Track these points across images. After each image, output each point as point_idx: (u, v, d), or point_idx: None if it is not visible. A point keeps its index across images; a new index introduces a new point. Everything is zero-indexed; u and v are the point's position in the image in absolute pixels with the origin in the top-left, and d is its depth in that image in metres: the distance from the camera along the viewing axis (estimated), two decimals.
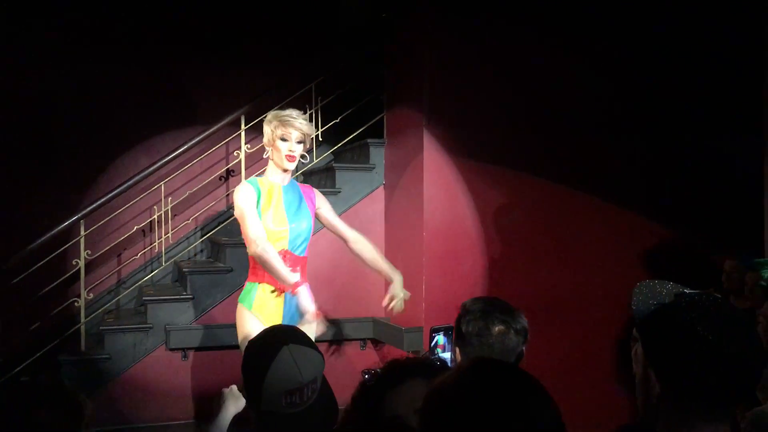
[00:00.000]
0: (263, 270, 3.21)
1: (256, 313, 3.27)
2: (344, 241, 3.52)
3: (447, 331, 2.39)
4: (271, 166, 3.40)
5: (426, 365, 1.57)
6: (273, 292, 3.28)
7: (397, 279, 3.40)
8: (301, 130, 3.33)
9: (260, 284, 3.29)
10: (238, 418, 1.96)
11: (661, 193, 4.86)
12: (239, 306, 3.34)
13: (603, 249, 4.71)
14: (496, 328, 1.97)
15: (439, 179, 4.52)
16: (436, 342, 2.39)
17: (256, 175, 3.49)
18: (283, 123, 3.31)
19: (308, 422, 1.69)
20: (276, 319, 3.27)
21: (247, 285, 3.36)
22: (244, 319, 3.29)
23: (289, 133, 3.31)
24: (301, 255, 3.37)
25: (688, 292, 1.41)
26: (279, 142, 3.31)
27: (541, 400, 1.05)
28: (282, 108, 3.62)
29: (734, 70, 4.74)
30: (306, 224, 3.37)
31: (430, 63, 4.56)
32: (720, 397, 1.28)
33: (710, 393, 1.27)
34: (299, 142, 3.35)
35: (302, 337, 1.80)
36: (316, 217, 3.48)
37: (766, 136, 4.08)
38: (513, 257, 4.64)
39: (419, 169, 4.53)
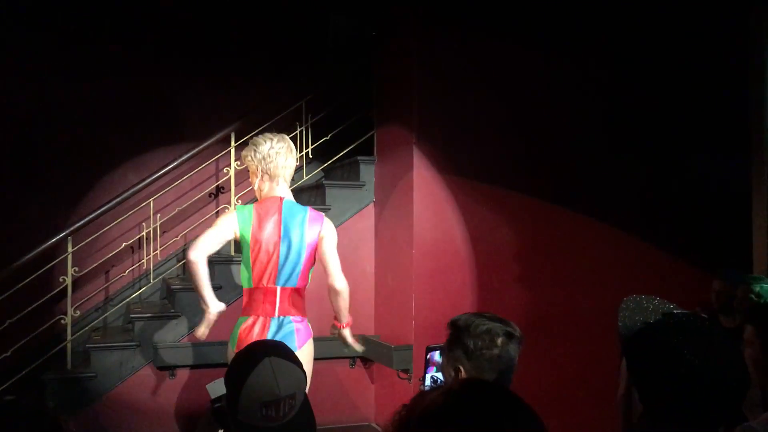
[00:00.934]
0: (253, 305, 3.28)
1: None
2: (328, 278, 3.48)
3: (443, 350, 2.36)
4: (259, 193, 3.49)
5: None
6: (255, 324, 3.28)
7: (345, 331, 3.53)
8: (277, 166, 3.40)
9: (247, 318, 3.32)
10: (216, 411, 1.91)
11: (650, 210, 4.89)
12: (229, 349, 3.35)
13: (593, 266, 4.72)
14: (500, 339, 1.99)
15: (428, 196, 4.53)
16: (431, 360, 2.37)
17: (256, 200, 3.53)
18: (264, 159, 3.40)
19: None
20: None
21: (238, 320, 3.38)
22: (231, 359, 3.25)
23: (267, 169, 3.43)
24: (293, 286, 3.34)
25: (676, 312, 1.41)
26: (259, 175, 3.43)
27: (530, 421, 1.04)
28: (265, 130, 3.72)
29: (721, 88, 4.78)
30: (302, 259, 3.33)
31: (419, 80, 4.58)
32: (701, 421, 1.27)
33: (692, 416, 1.27)
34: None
35: (288, 354, 1.79)
36: (317, 247, 3.41)
37: (753, 152, 4.11)
38: (503, 275, 4.64)
39: (409, 187, 4.54)
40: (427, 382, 2.35)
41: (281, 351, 1.79)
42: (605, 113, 4.83)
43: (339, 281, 3.44)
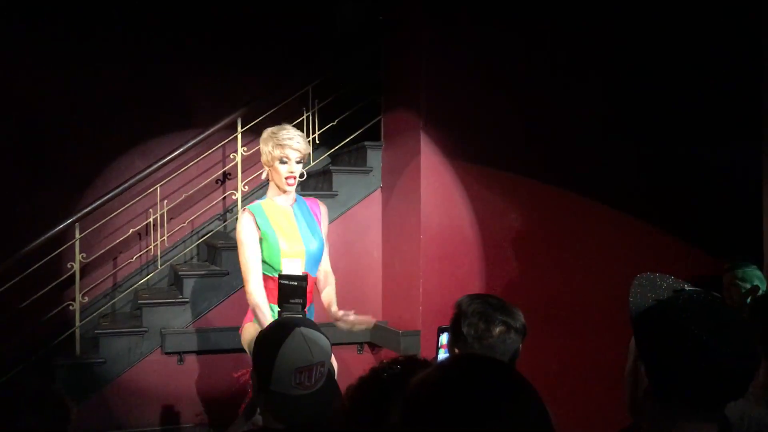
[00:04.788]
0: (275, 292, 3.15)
1: None
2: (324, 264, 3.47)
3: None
4: (272, 187, 3.36)
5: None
6: None
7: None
8: (299, 150, 3.25)
9: (273, 305, 3.19)
10: (249, 407, 2.01)
11: (659, 197, 4.85)
12: (254, 327, 3.19)
13: (601, 252, 4.69)
14: (497, 330, 1.96)
15: (436, 182, 4.51)
16: (441, 341, 2.37)
17: (259, 199, 3.41)
18: (281, 145, 3.23)
19: (315, 407, 1.73)
20: None
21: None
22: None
23: (288, 156, 3.24)
24: (314, 275, 3.35)
25: (687, 288, 1.40)
26: (278, 164, 3.25)
27: (527, 393, 1.03)
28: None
29: (733, 75, 4.72)
30: (318, 244, 3.33)
31: (426, 65, 4.54)
32: (707, 398, 1.26)
33: (698, 393, 1.26)
34: (298, 162, 3.28)
35: (313, 326, 1.90)
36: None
37: (766, 140, 4.06)
38: (510, 260, 4.62)
39: (416, 172, 4.52)
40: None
41: (308, 323, 1.90)
42: (615, 100, 4.78)
43: (329, 267, 3.51)
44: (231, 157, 5.24)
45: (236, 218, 5.09)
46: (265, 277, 3.26)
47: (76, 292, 4.66)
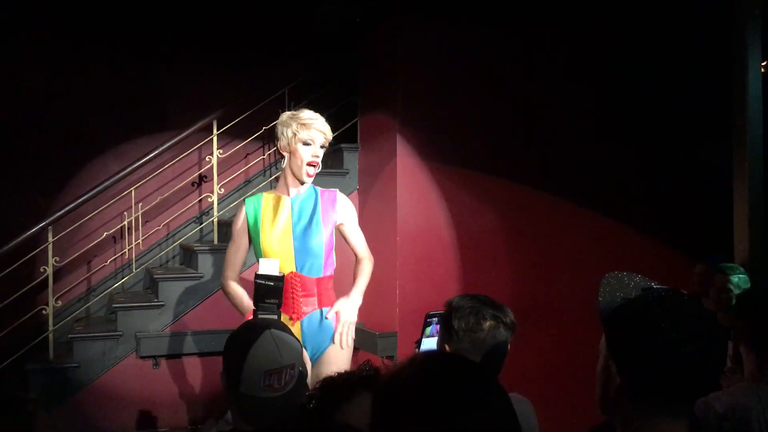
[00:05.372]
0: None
1: None
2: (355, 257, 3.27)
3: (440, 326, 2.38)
4: (284, 178, 3.09)
5: (368, 378, 1.57)
6: (289, 319, 2.96)
7: (352, 298, 3.13)
8: (324, 132, 3.02)
9: None
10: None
11: (635, 197, 4.91)
12: None
13: (577, 252, 4.75)
14: (487, 324, 1.99)
15: (412, 184, 4.53)
16: (427, 329, 2.38)
17: (270, 190, 3.19)
18: (305, 125, 2.98)
19: (284, 409, 1.71)
20: None
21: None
22: None
23: (313, 138, 2.99)
24: (317, 276, 3.02)
25: (655, 287, 1.43)
26: (301, 147, 2.99)
27: (494, 390, 1.05)
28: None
29: (707, 77, 4.80)
30: (317, 240, 3.01)
31: (403, 68, 4.56)
32: (678, 394, 1.29)
33: (669, 389, 1.28)
34: (322, 147, 3.04)
35: (286, 329, 1.86)
36: (338, 229, 3.15)
37: (736, 141, 4.14)
38: (487, 261, 4.65)
39: (393, 174, 4.53)
40: (422, 347, 2.35)
41: (279, 325, 1.86)
42: (590, 101, 4.84)
43: (366, 254, 3.34)
44: (207, 159, 5.22)
45: (212, 221, 5.09)
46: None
47: (49, 296, 4.60)
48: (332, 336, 3.05)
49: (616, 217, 4.85)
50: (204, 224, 5.63)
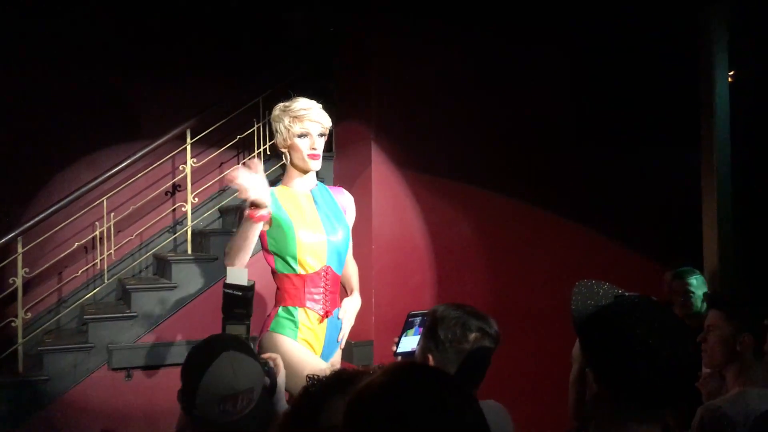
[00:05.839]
0: (302, 291, 2.86)
1: (302, 341, 2.84)
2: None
3: (423, 318, 2.37)
4: (290, 172, 2.98)
5: (346, 382, 1.55)
6: (318, 318, 2.89)
7: (356, 299, 3.13)
8: (319, 122, 2.90)
9: (301, 309, 2.87)
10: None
11: (606, 204, 4.97)
12: (275, 336, 2.84)
13: (551, 260, 4.79)
14: (473, 335, 1.98)
15: (387, 192, 4.53)
16: (408, 329, 2.37)
17: (280, 184, 3.06)
18: (297, 117, 2.87)
19: None
20: (317, 346, 2.89)
21: (281, 311, 2.90)
22: (288, 349, 2.77)
23: (308, 129, 2.88)
24: (339, 273, 2.99)
25: (627, 294, 1.45)
26: (298, 141, 2.87)
27: (464, 400, 1.06)
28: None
29: (674, 82, 4.89)
30: (344, 236, 2.98)
31: (377, 76, 4.58)
32: (654, 400, 1.31)
33: (646, 395, 1.30)
34: (321, 135, 2.92)
35: (245, 348, 1.78)
36: None
37: (703, 146, 4.22)
38: (462, 269, 4.67)
39: (368, 183, 4.53)
40: (401, 348, 2.35)
41: (239, 345, 1.78)
42: (562, 109, 4.90)
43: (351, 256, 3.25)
44: (180, 168, 5.17)
45: (186, 231, 5.04)
46: (281, 276, 2.91)
47: (18, 308, 4.51)
48: (337, 336, 3.01)
49: (589, 225, 4.91)
50: (178, 234, 5.57)
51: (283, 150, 2.97)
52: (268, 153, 5.39)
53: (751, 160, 5.04)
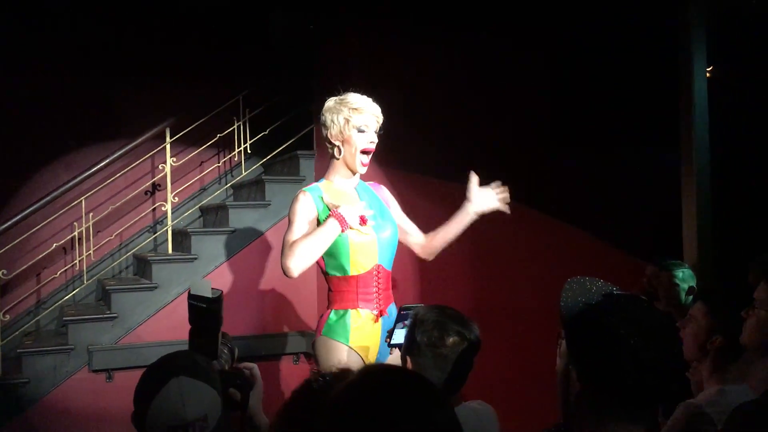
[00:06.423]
0: (354, 292, 2.79)
1: (355, 346, 2.76)
2: (417, 244, 3.16)
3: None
4: (336, 167, 2.89)
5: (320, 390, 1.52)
6: (371, 318, 2.81)
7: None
8: (377, 116, 2.86)
9: (353, 311, 2.80)
10: None
11: (588, 203, 4.99)
12: (326, 341, 2.80)
13: (533, 257, 4.80)
14: (451, 339, 1.93)
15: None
16: (401, 320, 2.38)
17: (324, 179, 2.97)
18: (357, 109, 2.81)
19: None
20: (373, 349, 2.79)
21: (332, 314, 2.83)
22: (337, 354, 2.72)
23: (367, 123, 2.82)
24: (390, 270, 2.92)
25: (615, 293, 1.44)
26: (355, 135, 2.80)
27: (436, 403, 1.06)
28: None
29: (654, 84, 4.92)
30: (392, 232, 2.91)
31: (357, 74, 4.56)
32: (636, 400, 1.31)
33: (627, 395, 1.30)
34: (376, 132, 2.88)
35: (200, 371, 1.64)
36: None
37: (683, 140, 4.25)
38: (443, 267, 4.66)
39: None
40: (394, 340, 2.33)
41: (193, 369, 1.64)
42: (542, 106, 4.91)
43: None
44: (160, 167, 5.13)
45: (166, 230, 5.01)
46: (332, 278, 2.84)
47: None
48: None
49: (569, 222, 4.92)
50: (158, 233, 5.52)
51: (334, 143, 2.86)
52: (249, 151, 5.38)
53: (730, 156, 5.09)
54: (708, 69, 4.36)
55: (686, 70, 4.11)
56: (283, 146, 5.23)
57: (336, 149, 2.86)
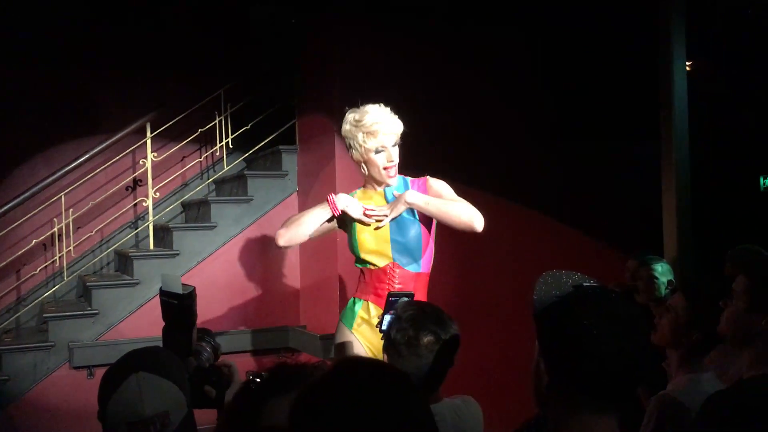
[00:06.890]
0: (371, 285, 2.89)
1: (357, 334, 2.89)
2: None
3: (404, 298, 2.46)
4: (368, 180, 3.00)
5: (291, 379, 1.51)
6: (375, 315, 2.85)
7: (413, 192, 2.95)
8: (393, 133, 2.89)
9: (365, 302, 2.90)
10: None
11: (569, 197, 5.02)
12: (339, 324, 2.96)
13: (513, 250, 4.82)
14: (426, 339, 1.92)
15: (351, 184, 4.48)
16: (391, 307, 2.40)
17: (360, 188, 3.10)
18: (371, 133, 2.84)
19: None
20: (375, 341, 2.81)
21: (350, 301, 2.98)
22: (341, 337, 2.91)
23: (383, 143, 2.85)
24: (415, 271, 2.91)
25: (585, 284, 1.44)
26: (373, 156, 2.86)
27: (409, 394, 1.06)
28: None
29: (634, 78, 4.95)
30: (414, 232, 2.89)
31: (340, 68, 4.55)
32: (602, 391, 1.30)
33: (593, 386, 1.29)
34: (394, 146, 2.90)
35: (163, 367, 1.60)
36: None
37: (663, 135, 4.28)
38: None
39: (332, 175, 4.51)
40: (384, 326, 2.33)
41: (153, 365, 1.61)
42: (525, 101, 4.93)
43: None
44: (141, 162, 5.09)
45: (148, 226, 4.97)
46: (359, 268, 2.97)
47: None
48: None
49: (553, 216, 4.95)
50: (139, 229, 5.48)
51: (358, 161, 2.95)
52: (231, 146, 5.35)
53: (710, 149, 5.14)
54: (687, 63, 4.39)
55: (666, 64, 4.13)
56: (266, 141, 5.21)
57: (361, 167, 2.97)
